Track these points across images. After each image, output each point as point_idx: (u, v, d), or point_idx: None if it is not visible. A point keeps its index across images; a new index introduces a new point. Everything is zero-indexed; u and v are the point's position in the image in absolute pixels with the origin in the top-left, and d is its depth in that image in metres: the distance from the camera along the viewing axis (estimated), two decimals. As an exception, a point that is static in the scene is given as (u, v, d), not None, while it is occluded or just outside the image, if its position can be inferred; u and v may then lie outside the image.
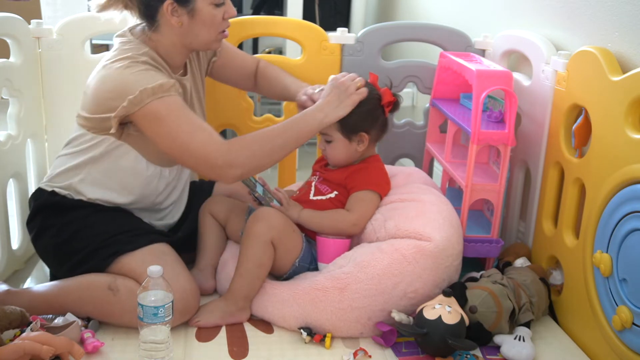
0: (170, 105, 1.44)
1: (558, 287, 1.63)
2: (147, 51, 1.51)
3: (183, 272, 1.50)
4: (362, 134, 1.61)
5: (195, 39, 1.53)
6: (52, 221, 1.54)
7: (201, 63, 1.73)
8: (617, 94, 1.38)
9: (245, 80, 1.86)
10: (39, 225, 1.57)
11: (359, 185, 1.63)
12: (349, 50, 1.99)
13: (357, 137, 1.61)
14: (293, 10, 2.96)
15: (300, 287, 1.51)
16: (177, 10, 1.48)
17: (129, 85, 1.42)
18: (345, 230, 1.61)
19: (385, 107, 1.63)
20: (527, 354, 1.41)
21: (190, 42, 1.54)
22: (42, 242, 1.57)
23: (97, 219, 1.54)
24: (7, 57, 1.77)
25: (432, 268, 1.50)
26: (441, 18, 2.65)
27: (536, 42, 1.74)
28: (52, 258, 1.59)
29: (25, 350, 1.13)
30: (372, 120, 1.62)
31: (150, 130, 1.45)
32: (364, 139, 1.62)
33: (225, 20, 1.54)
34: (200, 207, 1.74)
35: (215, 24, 1.52)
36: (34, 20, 1.84)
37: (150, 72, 1.46)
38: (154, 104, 1.42)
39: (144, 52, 1.50)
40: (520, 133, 1.82)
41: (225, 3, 1.53)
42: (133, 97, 1.41)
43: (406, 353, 1.44)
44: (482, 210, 1.88)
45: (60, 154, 1.61)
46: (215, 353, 1.41)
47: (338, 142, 1.62)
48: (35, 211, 1.59)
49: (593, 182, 1.46)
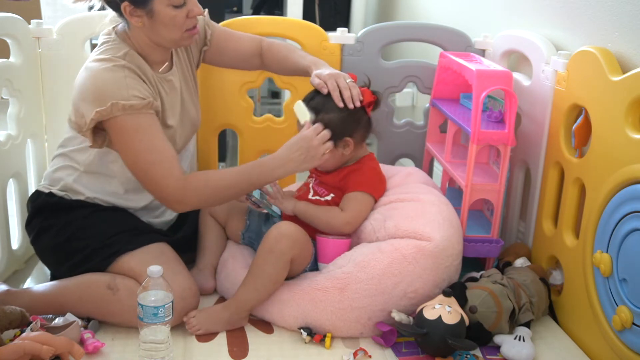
0: (139, 125, 1.42)
1: (558, 287, 1.63)
2: (128, 51, 1.49)
3: (183, 271, 1.51)
4: (345, 139, 1.59)
5: (162, 39, 1.51)
6: (51, 222, 1.54)
7: (191, 54, 1.71)
8: (617, 94, 1.38)
9: (247, 63, 1.81)
10: (38, 227, 1.57)
11: (352, 186, 1.63)
12: (349, 50, 1.99)
13: (342, 143, 1.60)
14: (293, 10, 2.96)
15: (300, 287, 1.51)
16: (136, 11, 1.46)
17: (103, 92, 1.40)
18: (338, 228, 1.60)
19: (366, 107, 1.61)
20: (527, 354, 1.41)
21: (159, 41, 1.52)
22: (42, 243, 1.58)
23: (96, 219, 1.55)
24: (7, 57, 1.77)
25: (432, 268, 1.50)
26: (441, 18, 2.65)
27: (536, 42, 1.74)
28: (52, 258, 1.59)
29: (25, 350, 1.13)
30: (355, 124, 1.60)
31: (116, 142, 1.45)
32: (348, 143, 1.60)
33: (190, 18, 1.49)
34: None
35: (178, 24, 1.48)
36: (34, 20, 1.84)
37: (129, 80, 1.43)
38: (122, 119, 1.40)
39: (124, 52, 1.48)
40: (520, 133, 1.82)
41: (186, 3, 1.48)
42: (102, 110, 1.39)
43: (406, 353, 1.44)
44: (482, 210, 1.88)
45: (55, 154, 1.62)
46: (215, 353, 1.41)
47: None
48: (34, 213, 1.59)
49: (593, 182, 1.46)
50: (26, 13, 1.81)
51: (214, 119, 2.02)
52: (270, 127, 2.05)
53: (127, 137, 1.42)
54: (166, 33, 1.49)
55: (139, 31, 1.50)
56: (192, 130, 1.72)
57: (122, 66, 1.45)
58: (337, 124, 1.56)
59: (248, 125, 2.04)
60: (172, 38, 1.51)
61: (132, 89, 1.42)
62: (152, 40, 1.51)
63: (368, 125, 1.65)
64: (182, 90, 1.65)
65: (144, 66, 1.51)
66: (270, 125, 2.05)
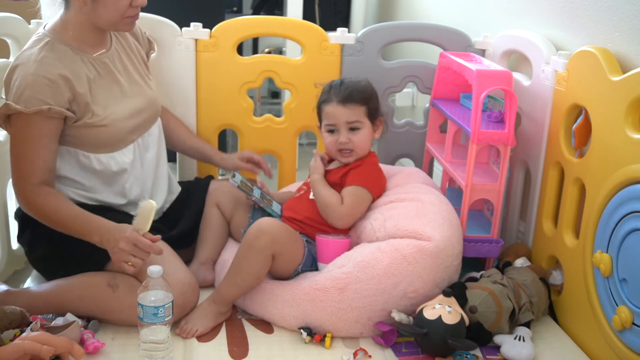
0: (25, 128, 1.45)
1: (558, 287, 1.63)
2: (49, 41, 1.50)
3: (182, 266, 1.52)
4: (380, 118, 1.68)
5: (100, 19, 1.53)
6: (41, 230, 1.53)
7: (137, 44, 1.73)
8: (617, 94, 1.38)
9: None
10: (29, 238, 1.58)
11: (350, 180, 1.64)
12: (349, 50, 1.99)
13: (378, 122, 1.68)
14: (293, 10, 2.96)
15: (300, 287, 1.51)
16: None
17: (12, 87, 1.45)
18: (330, 217, 1.61)
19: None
20: (527, 354, 1.41)
21: (97, 22, 1.54)
22: (37, 253, 1.58)
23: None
24: (7, 57, 1.77)
25: (432, 268, 1.50)
26: (441, 18, 2.65)
27: (536, 42, 1.74)
28: (49, 265, 1.58)
29: (25, 350, 1.13)
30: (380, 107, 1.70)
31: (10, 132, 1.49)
32: (380, 124, 1.69)
33: (133, 7, 1.53)
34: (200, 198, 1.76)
35: (120, 9, 1.51)
36: (34, 20, 1.84)
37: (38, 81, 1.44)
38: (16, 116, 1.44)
39: (45, 42, 1.50)
40: (520, 133, 1.82)
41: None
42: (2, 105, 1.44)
43: (406, 353, 1.44)
44: (482, 210, 1.88)
45: None
46: (215, 353, 1.41)
47: (366, 129, 1.66)
48: (23, 225, 1.60)
49: (593, 182, 1.46)
50: (26, 13, 1.81)
51: (214, 119, 2.02)
52: (270, 127, 2.05)
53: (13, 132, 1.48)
54: (106, 15, 1.52)
55: (78, 11, 1.52)
56: (149, 108, 1.69)
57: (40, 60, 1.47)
58: (376, 101, 1.66)
59: (248, 125, 2.04)
60: (111, 21, 1.53)
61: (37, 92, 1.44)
62: (91, 21, 1.53)
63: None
64: (128, 70, 1.65)
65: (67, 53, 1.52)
66: (270, 125, 2.05)
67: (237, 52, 1.98)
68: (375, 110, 1.67)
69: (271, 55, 2.35)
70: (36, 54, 1.47)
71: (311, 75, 1.96)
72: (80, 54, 1.53)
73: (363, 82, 1.68)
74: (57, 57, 1.49)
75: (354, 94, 1.64)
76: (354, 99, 1.63)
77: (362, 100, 1.64)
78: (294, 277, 1.58)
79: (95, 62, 1.56)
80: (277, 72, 2.00)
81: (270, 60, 2.03)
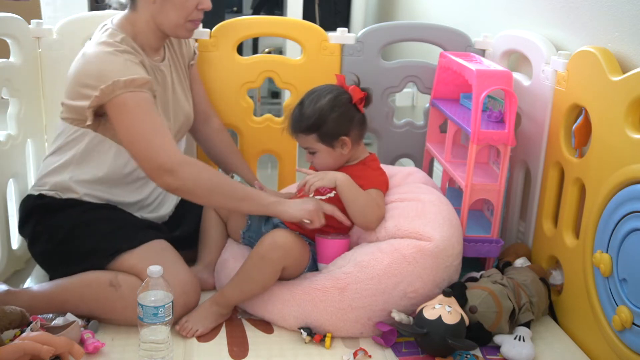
0: (139, 102, 1.44)
1: (558, 287, 1.63)
2: (124, 37, 1.53)
3: (183, 267, 1.52)
4: (342, 138, 1.58)
5: (165, 19, 1.55)
6: (44, 224, 1.54)
7: (183, 55, 1.75)
8: (617, 94, 1.38)
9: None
10: (31, 231, 1.58)
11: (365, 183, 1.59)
12: (349, 50, 1.99)
13: (339, 143, 1.59)
14: (293, 10, 2.96)
15: (300, 287, 1.51)
16: None
17: (104, 74, 1.43)
18: (369, 219, 1.56)
19: (357, 104, 1.60)
20: (527, 354, 1.41)
21: (161, 22, 1.56)
22: (38, 246, 1.58)
23: (91, 217, 1.55)
24: (7, 57, 1.77)
25: (432, 268, 1.50)
26: (441, 18, 2.65)
27: (536, 42, 1.74)
28: (50, 260, 1.58)
29: (25, 350, 1.13)
30: (348, 123, 1.59)
31: (116, 120, 1.46)
32: (346, 142, 1.59)
33: (198, 10, 1.56)
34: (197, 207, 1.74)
35: (187, 9, 1.54)
36: (34, 20, 1.84)
37: (129, 63, 1.47)
38: (123, 96, 1.43)
39: (121, 38, 1.52)
40: (520, 133, 1.82)
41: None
42: (105, 87, 1.42)
43: (406, 353, 1.44)
44: (482, 210, 1.88)
45: (47, 154, 1.63)
46: (215, 353, 1.41)
47: (322, 152, 1.60)
48: (25, 217, 1.60)
49: (593, 182, 1.46)
50: (26, 13, 1.82)
51: (214, 119, 2.02)
52: (270, 127, 2.05)
53: (126, 114, 1.44)
54: (173, 14, 1.54)
55: (146, 8, 1.54)
56: (185, 125, 1.73)
57: (122, 50, 1.49)
58: (331, 125, 1.56)
59: (248, 125, 2.04)
60: (176, 21, 1.56)
61: (132, 70, 1.46)
62: (155, 21, 1.55)
63: (363, 122, 1.63)
64: (175, 83, 1.68)
65: (139, 52, 1.55)
66: (270, 125, 2.05)
67: (237, 52, 1.98)
68: (328, 134, 1.56)
69: (271, 55, 2.35)
70: (116, 45, 1.49)
71: (311, 75, 1.96)
72: (144, 56, 1.56)
73: (319, 104, 1.57)
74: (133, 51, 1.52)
75: (301, 125, 1.58)
76: (301, 129, 1.58)
77: (307, 129, 1.57)
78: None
79: (155, 67, 1.60)
80: (277, 72, 2.00)
81: (270, 60, 2.03)
